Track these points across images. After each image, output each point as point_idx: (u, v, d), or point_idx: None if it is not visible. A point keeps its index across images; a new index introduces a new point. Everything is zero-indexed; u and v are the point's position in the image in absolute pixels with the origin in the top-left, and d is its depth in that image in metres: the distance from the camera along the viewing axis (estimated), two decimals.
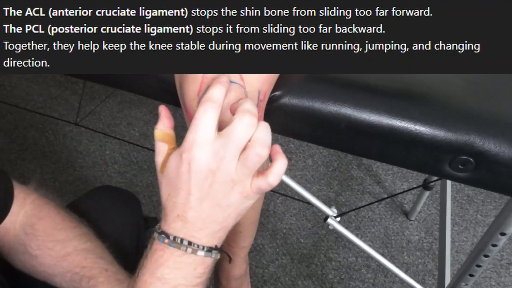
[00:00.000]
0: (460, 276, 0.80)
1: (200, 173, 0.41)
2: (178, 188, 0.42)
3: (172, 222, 0.43)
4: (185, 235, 0.43)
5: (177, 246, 0.43)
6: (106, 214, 0.65)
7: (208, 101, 0.40)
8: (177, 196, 0.42)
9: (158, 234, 0.44)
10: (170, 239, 0.43)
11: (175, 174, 0.42)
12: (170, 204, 0.43)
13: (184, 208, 0.42)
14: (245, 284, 0.73)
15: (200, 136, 0.40)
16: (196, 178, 0.41)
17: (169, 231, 0.43)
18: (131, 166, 1.44)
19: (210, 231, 0.43)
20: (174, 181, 0.42)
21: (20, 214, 0.55)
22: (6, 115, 1.56)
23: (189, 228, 0.43)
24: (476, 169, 0.53)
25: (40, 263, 0.54)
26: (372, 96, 0.54)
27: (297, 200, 1.36)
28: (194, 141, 0.41)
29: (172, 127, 0.46)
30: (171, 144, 0.45)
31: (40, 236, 0.54)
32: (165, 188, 0.44)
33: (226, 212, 0.43)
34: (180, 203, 0.42)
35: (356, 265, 1.25)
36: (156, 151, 0.45)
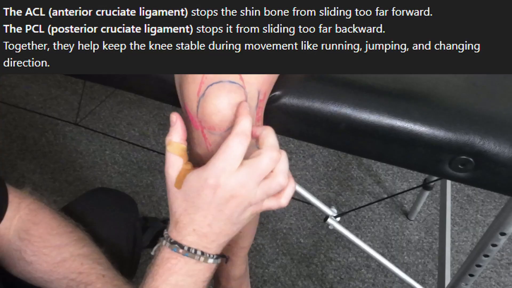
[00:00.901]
0: (460, 276, 0.80)
1: (223, 198, 0.44)
2: (198, 207, 0.45)
3: (188, 235, 0.46)
4: (198, 246, 0.46)
5: (191, 256, 0.46)
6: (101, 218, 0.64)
7: (243, 134, 0.43)
8: (195, 213, 0.45)
9: (170, 244, 0.46)
10: (185, 249, 0.46)
11: (197, 194, 0.45)
12: (186, 219, 0.46)
13: (202, 224, 0.46)
14: (245, 284, 0.73)
15: (230, 165, 0.43)
16: (218, 202, 0.44)
17: (183, 242, 0.46)
18: (131, 166, 1.44)
19: (220, 242, 0.47)
20: (194, 200, 0.45)
21: (15, 219, 0.55)
22: (6, 115, 1.56)
23: (203, 241, 0.46)
24: (476, 169, 0.53)
25: (36, 269, 0.53)
26: (372, 96, 0.54)
27: (297, 200, 1.36)
28: (223, 169, 0.43)
29: (185, 139, 0.47)
30: (185, 159, 0.47)
31: (36, 242, 0.53)
32: (182, 204, 0.46)
33: (236, 226, 0.47)
34: (198, 220, 0.45)
35: (356, 265, 1.25)
36: (168, 162, 0.46)
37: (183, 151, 0.47)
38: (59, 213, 0.58)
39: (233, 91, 0.45)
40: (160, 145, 1.51)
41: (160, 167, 1.41)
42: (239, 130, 0.44)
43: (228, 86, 0.45)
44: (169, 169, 0.46)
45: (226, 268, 0.69)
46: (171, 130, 0.47)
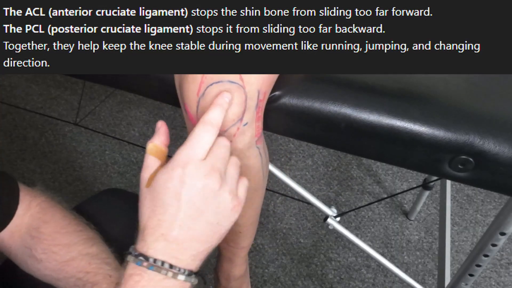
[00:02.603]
0: (460, 276, 0.80)
1: (193, 189, 0.41)
2: (167, 204, 0.41)
3: (154, 241, 0.41)
4: (167, 256, 0.41)
5: (157, 269, 0.40)
6: (112, 218, 0.64)
7: (208, 123, 0.42)
8: (164, 213, 0.41)
9: (134, 257, 0.41)
10: (150, 261, 0.40)
11: (164, 189, 0.41)
12: (153, 222, 0.41)
13: (171, 226, 0.41)
14: (245, 284, 0.73)
15: (196, 153, 0.41)
16: (188, 194, 0.41)
17: (148, 252, 0.41)
18: (131, 166, 1.44)
19: (194, 252, 0.42)
20: (162, 196, 0.41)
21: (26, 217, 0.55)
22: (6, 116, 1.56)
23: (173, 249, 0.41)
24: (475, 168, 0.53)
25: (45, 267, 0.53)
26: (372, 96, 0.54)
27: (297, 200, 1.36)
28: (189, 157, 0.41)
29: (167, 145, 0.46)
30: (162, 161, 0.44)
31: (46, 240, 0.54)
32: (149, 204, 0.42)
33: (213, 230, 0.43)
34: (167, 220, 0.41)
35: (356, 265, 1.25)
36: (144, 165, 0.44)
37: (162, 154, 0.45)
38: (70, 212, 0.58)
39: (233, 91, 0.45)
40: None
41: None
42: (205, 119, 0.42)
43: (228, 86, 0.45)
44: (144, 172, 0.44)
45: (226, 268, 0.69)
46: (154, 135, 0.45)
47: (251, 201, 0.57)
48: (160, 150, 0.45)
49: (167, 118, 1.59)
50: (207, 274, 1.16)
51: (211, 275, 0.75)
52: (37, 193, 0.57)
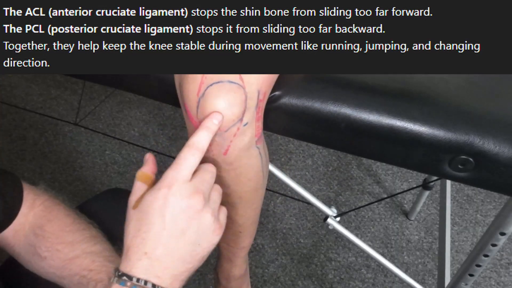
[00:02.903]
0: (460, 276, 0.80)
1: (177, 208, 0.43)
2: (151, 222, 0.43)
3: (138, 260, 0.42)
4: (150, 275, 0.42)
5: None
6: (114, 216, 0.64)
7: (194, 147, 0.44)
8: (148, 231, 0.43)
9: (117, 277, 0.42)
10: (133, 281, 0.41)
11: (150, 208, 0.43)
12: (138, 240, 0.43)
13: (155, 244, 0.43)
14: (245, 284, 0.73)
15: (181, 175, 0.43)
16: (172, 213, 0.43)
17: (132, 271, 0.42)
18: (131, 166, 1.44)
19: (176, 271, 0.43)
20: (147, 215, 0.43)
21: (30, 215, 0.55)
22: (6, 116, 1.56)
23: (155, 267, 0.42)
24: (475, 168, 0.53)
25: (49, 265, 0.54)
26: (372, 96, 0.54)
27: (297, 200, 1.36)
28: (175, 178, 0.43)
29: (155, 173, 0.48)
30: (149, 186, 0.46)
31: (49, 238, 0.54)
32: (135, 224, 0.44)
33: (195, 251, 0.44)
34: (151, 238, 0.43)
35: (356, 265, 1.25)
36: (132, 190, 0.47)
37: (150, 179, 0.47)
38: (73, 211, 0.58)
39: (233, 91, 0.45)
40: (160, 145, 1.51)
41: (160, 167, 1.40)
42: (191, 142, 0.45)
43: (228, 86, 0.45)
44: (132, 196, 0.46)
45: (226, 268, 0.69)
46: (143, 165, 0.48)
47: (251, 201, 0.57)
48: (147, 176, 0.47)
49: (167, 118, 1.59)
50: (207, 274, 1.16)
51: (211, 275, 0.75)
52: (41, 191, 0.58)
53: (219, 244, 0.66)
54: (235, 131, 0.47)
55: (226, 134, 0.47)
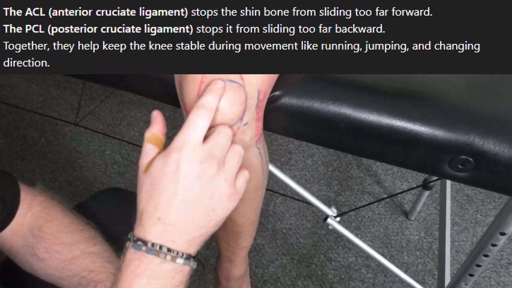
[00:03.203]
0: (460, 276, 0.80)
1: (189, 174, 0.41)
2: (163, 188, 0.42)
3: (152, 225, 0.42)
4: (165, 240, 0.42)
5: (155, 253, 0.41)
6: (112, 216, 0.64)
7: (202, 107, 0.42)
8: (160, 197, 0.42)
9: (133, 242, 0.42)
10: (148, 246, 0.41)
11: (161, 173, 0.42)
12: (151, 206, 0.42)
13: (168, 209, 0.42)
14: (245, 284, 0.73)
15: (192, 137, 0.42)
16: (184, 178, 0.41)
17: (146, 237, 0.42)
18: (131, 166, 1.44)
19: (190, 236, 0.43)
20: (159, 180, 0.42)
21: (28, 216, 0.55)
22: (6, 116, 1.56)
23: (170, 232, 0.42)
24: (475, 169, 0.53)
25: (48, 266, 0.53)
26: (372, 96, 0.54)
27: (297, 200, 1.36)
28: (185, 141, 0.42)
29: (164, 133, 0.46)
30: (160, 149, 0.45)
31: (48, 239, 0.54)
32: (147, 189, 0.43)
33: (209, 216, 0.43)
34: (163, 204, 0.42)
35: (356, 265, 1.25)
36: (142, 152, 0.45)
37: (160, 141, 0.45)
38: (71, 211, 0.58)
39: (233, 90, 0.45)
40: None
41: None
42: (199, 103, 0.43)
43: (228, 85, 0.45)
44: (142, 158, 0.44)
45: (226, 268, 0.69)
46: (150, 124, 0.46)
47: (251, 201, 0.57)
48: (157, 138, 0.45)
49: (167, 118, 1.58)
50: (207, 274, 1.16)
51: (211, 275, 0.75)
52: (38, 192, 0.58)
53: (219, 244, 0.66)
54: (235, 131, 0.47)
55: None
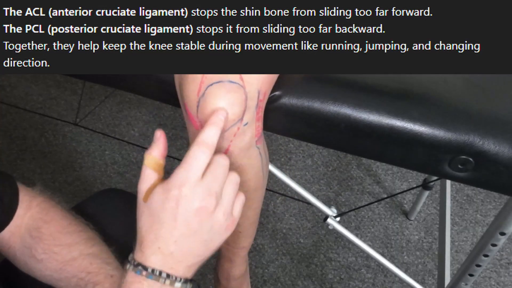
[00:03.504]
0: (459, 276, 0.80)
1: (189, 211, 0.43)
2: (163, 221, 0.43)
3: (152, 254, 0.43)
4: (164, 267, 0.43)
5: (155, 278, 0.43)
6: (111, 217, 0.64)
7: (203, 144, 0.43)
8: (160, 229, 0.43)
9: (133, 266, 0.44)
10: (148, 271, 0.43)
11: (161, 208, 0.43)
12: (151, 236, 0.44)
13: (168, 241, 0.43)
14: (245, 284, 0.73)
15: (192, 174, 0.42)
16: (184, 215, 0.43)
17: (146, 263, 0.43)
18: (131, 166, 1.44)
19: (188, 263, 0.45)
20: (159, 214, 0.43)
21: (26, 217, 0.55)
22: (6, 116, 1.56)
23: (169, 261, 0.44)
24: (475, 168, 0.54)
25: (46, 267, 0.53)
26: (372, 96, 0.54)
27: (296, 200, 1.36)
28: (185, 178, 0.42)
29: (165, 156, 0.46)
30: (159, 174, 0.45)
31: (46, 240, 0.53)
32: (147, 219, 0.44)
33: (207, 246, 0.45)
34: (163, 236, 0.43)
35: (355, 265, 1.25)
36: (142, 177, 0.45)
37: (160, 167, 0.45)
38: (70, 212, 0.58)
39: (233, 90, 0.45)
40: None
41: None
42: (200, 140, 0.43)
43: (228, 86, 0.45)
44: (141, 184, 0.45)
45: (226, 268, 0.69)
46: (152, 145, 0.46)
47: (251, 201, 0.57)
48: (158, 163, 0.45)
49: (167, 118, 1.59)
50: (207, 274, 1.16)
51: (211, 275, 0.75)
52: (37, 193, 0.57)
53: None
54: (235, 131, 0.47)
55: (226, 134, 0.47)
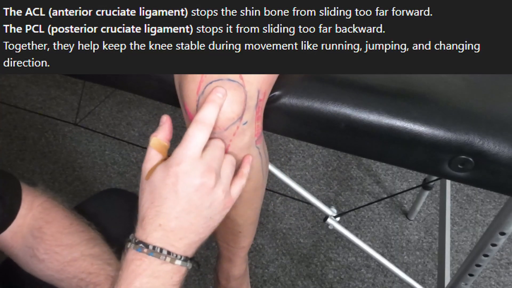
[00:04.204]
0: (459, 276, 0.80)
1: (190, 186, 0.43)
2: (164, 197, 0.44)
3: (153, 231, 0.44)
4: (165, 244, 0.44)
5: (156, 255, 0.44)
6: (113, 218, 0.64)
7: (201, 122, 0.44)
8: (161, 205, 0.44)
9: (134, 244, 0.44)
10: (149, 248, 0.44)
11: (162, 184, 0.44)
12: (152, 212, 0.44)
13: (169, 217, 0.44)
14: (245, 284, 0.73)
15: (191, 152, 0.44)
16: (185, 190, 0.44)
17: (148, 240, 0.44)
18: (131, 166, 1.44)
19: (189, 241, 0.45)
20: (160, 190, 0.44)
21: (28, 217, 0.55)
22: (6, 116, 1.56)
23: (170, 238, 0.44)
24: (475, 168, 0.54)
25: (47, 267, 0.53)
26: (372, 96, 0.54)
27: (296, 200, 1.36)
28: (185, 155, 0.43)
29: (169, 140, 0.48)
30: (163, 156, 0.47)
31: (48, 240, 0.54)
32: (148, 196, 0.45)
33: (207, 223, 0.46)
34: (164, 212, 0.44)
35: (355, 265, 1.25)
36: (146, 157, 0.47)
37: (164, 148, 0.47)
38: (72, 212, 0.58)
39: (233, 88, 0.45)
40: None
41: None
42: (198, 118, 0.44)
43: (228, 84, 0.45)
44: (145, 163, 0.46)
45: (226, 268, 0.69)
46: (158, 128, 0.48)
47: (251, 201, 0.57)
48: (162, 145, 0.47)
49: None
50: (207, 274, 1.16)
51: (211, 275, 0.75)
52: (39, 193, 0.57)
53: (219, 244, 0.66)
54: (234, 130, 0.47)
55: (225, 133, 0.47)
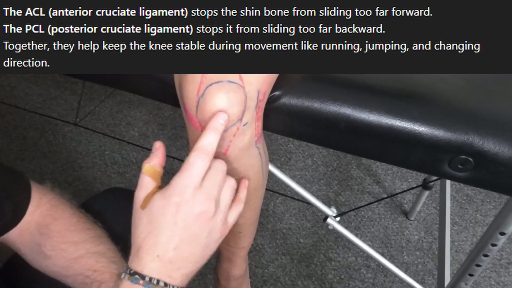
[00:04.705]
0: (459, 276, 0.80)
1: (189, 216, 0.43)
2: (163, 227, 0.43)
3: (150, 262, 0.43)
4: (162, 275, 0.43)
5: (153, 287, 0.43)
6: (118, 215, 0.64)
7: (201, 151, 0.44)
8: (160, 235, 0.44)
9: (129, 275, 0.43)
10: (146, 280, 0.43)
11: (161, 214, 0.43)
12: (150, 243, 0.44)
13: (167, 248, 0.43)
14: (245, 284, 0.73)
15: (192, 182, 0.43)
16: (185, 220, 0.43)
17: (144, 271, 0.43)
18: (131, 166, 1.44)
19: (186, 271, 0.45)
20: (158, 220, 0.44)
21: (36, 214, 0.55)
22: (6, 116, 1.56)
23: (168, 268, 0.44)
24: (475, 168, 0.54)
25: (54, 263, 0.54)
26: (372, 96, 0.54)
27: (296, 200, 1.36)
28: (185, 186, 0.43)
29: (163, 166, 0.47)
30: (157, 183, 0.46)
31: (55, 237, 0.54)
32: (146, 226, 0.44)
33: (205, 251, 0.46)
34: (163, 242, 0.43)
35: (355, 265, 1.25)
36: (139, 184, 0.46)
37: (158, 175, 0.46)
38: (79, 210, 0.59)
39: (233, 90, 0.45)
40: None
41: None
42: (198, 146, 0.44)
43: (228, 86, 0.45)
44: (139, 191, 0.45)
45: (226, 268, 0.69)
46: (151, 155, 0.47)
47: (251, 201, 0.57)
48: (156, 172, 0.46)
49: (167, 118, 1.59)
50: (207, 274, 1.16)
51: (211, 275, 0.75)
52: (47, 190, 0.58)
53: (219, 244, 0.66)
54: (234, 131, 0.47)
55: (225, 134, 0.47)
